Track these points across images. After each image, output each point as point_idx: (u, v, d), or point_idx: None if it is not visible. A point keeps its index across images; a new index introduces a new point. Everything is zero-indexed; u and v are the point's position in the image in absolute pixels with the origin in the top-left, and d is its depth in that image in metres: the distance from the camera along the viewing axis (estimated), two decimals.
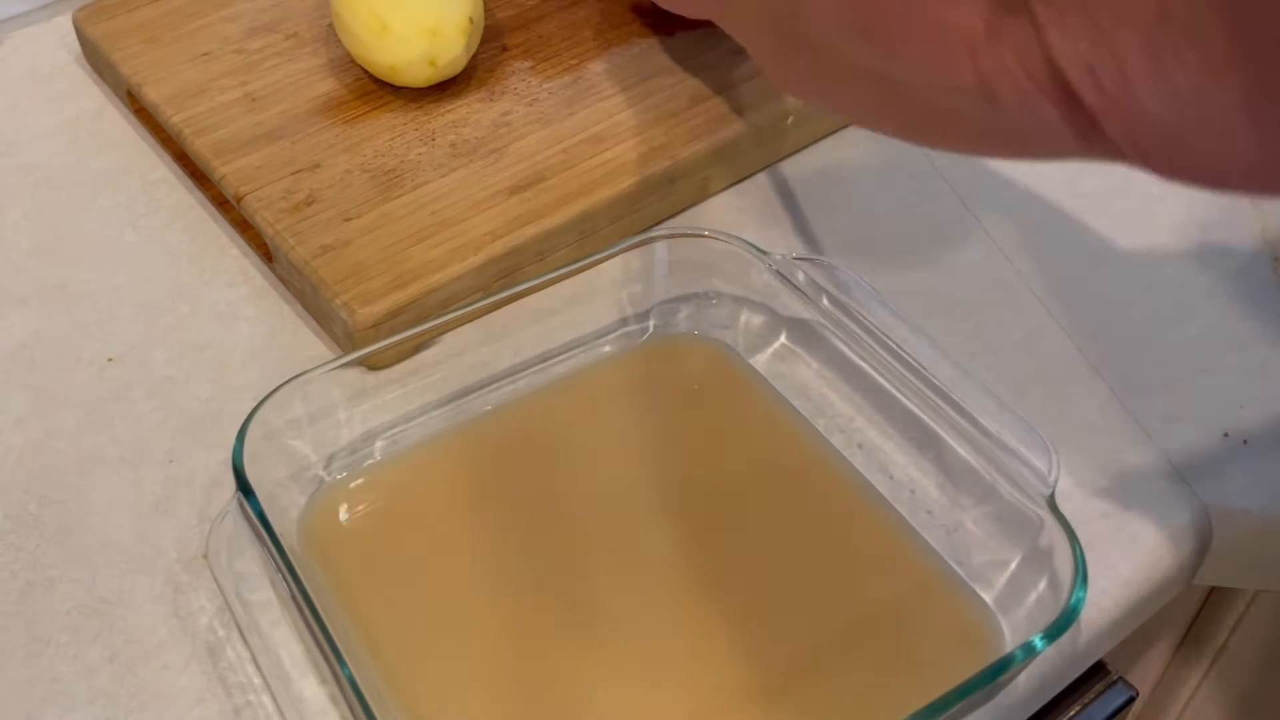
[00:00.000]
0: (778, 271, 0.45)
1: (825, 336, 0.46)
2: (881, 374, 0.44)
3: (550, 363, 0.46)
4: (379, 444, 0.43)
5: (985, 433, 0.40)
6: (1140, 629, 0.44)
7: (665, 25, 0.56)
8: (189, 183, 0.53)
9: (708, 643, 0.38)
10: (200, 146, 0.50)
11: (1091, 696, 0.46)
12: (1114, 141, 0.25)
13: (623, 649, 0.38)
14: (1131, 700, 0.47)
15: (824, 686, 0.37)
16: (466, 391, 0.45)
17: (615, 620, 0.39)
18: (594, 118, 0.52)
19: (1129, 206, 0.53)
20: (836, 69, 0.34)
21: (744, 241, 0.46)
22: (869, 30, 0.30)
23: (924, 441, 0.43)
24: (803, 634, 0.38)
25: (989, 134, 0.31)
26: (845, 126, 0.56)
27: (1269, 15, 0.21)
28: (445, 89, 0.53)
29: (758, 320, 0.47)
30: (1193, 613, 0.57)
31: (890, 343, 0.43)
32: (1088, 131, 0.25)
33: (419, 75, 0.51)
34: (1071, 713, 0.46)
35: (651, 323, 0.47)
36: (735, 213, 0.52)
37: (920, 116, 0.33)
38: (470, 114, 0.52)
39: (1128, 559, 0.41)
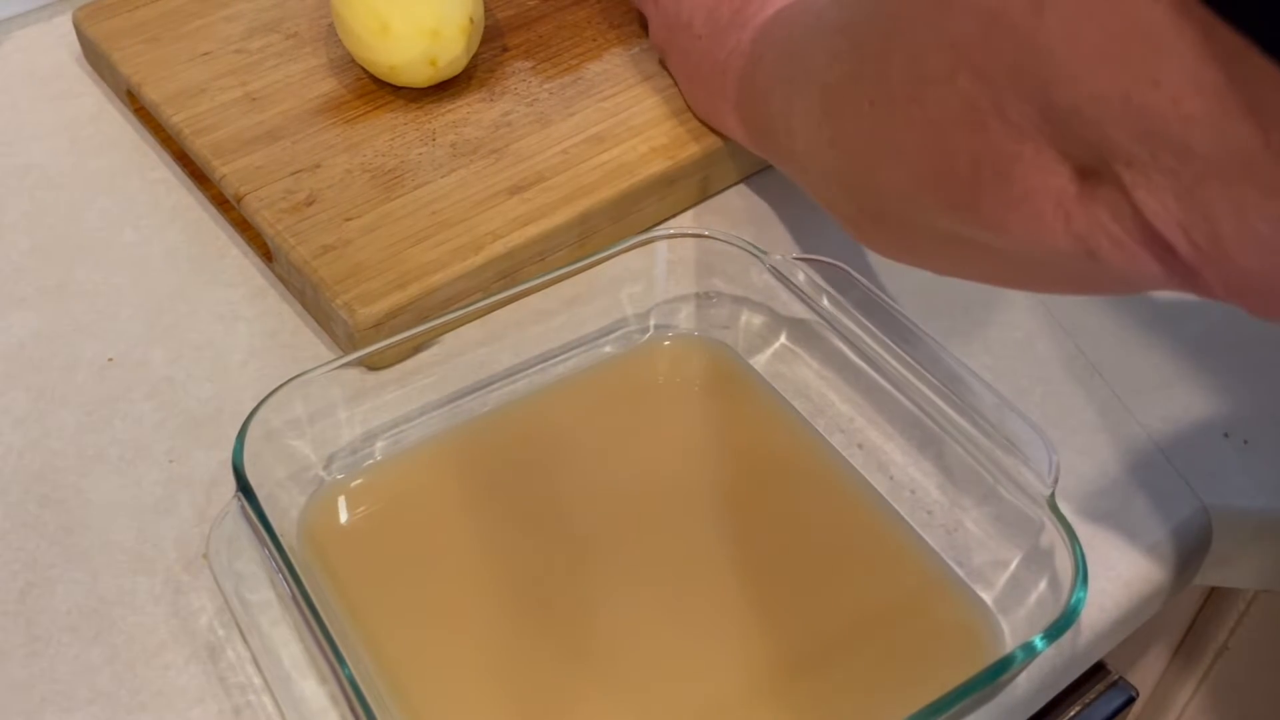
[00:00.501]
0: (778, 271, 0.45)
1: (825, 336, 0.46)
2: (881, 374, 0.44)
3: (550, 363, 0.46)
4: (379, 444, 0.43)
5: (985, 433, 0.40)
6: (1140, 629, 0.44)
7: None
8: (189, 183, 0.53)
9: (708, 642, 0.38)
10: (200, 146, 0.50)
11: (1092, 697, 0.46)
12: (1213, 287, 0.25)
13: (622, 648, 0.38)
14: (1131, 700, 0.47)
15: (824, 686, 0.37)
16: (466, 391, 0.45)
17: (614, 619, 0.39)
18: (594, 118, 0.52)
19: None
20: (923, 236, 0.34)
21: (744, 241, 0.46)
22: (956, 205, 0.30)
23: (924, 441, 0.43)
24: (803, 634, 0.38)
25: (1091, 280, 0.31)
26: None
27: None
28: (446, 89, 0.53)
29: (758, 320, 0.47)
30: (1193, 613, 0.57)
31: (890, 343, 0.43)
32: (1192, 280, 0.26)
33: (419, 75, 0.51)
34: (1071, 713, 0.46)
35: (651, 323, 0.47)
36: (735, 213, 0.52)
37: (1017, 271, 0.33)
38: (471, 114, 0.52)
39: (1128, 559, 0.41)
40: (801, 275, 0.45)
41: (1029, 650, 0.35)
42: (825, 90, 0.37)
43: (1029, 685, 0.39)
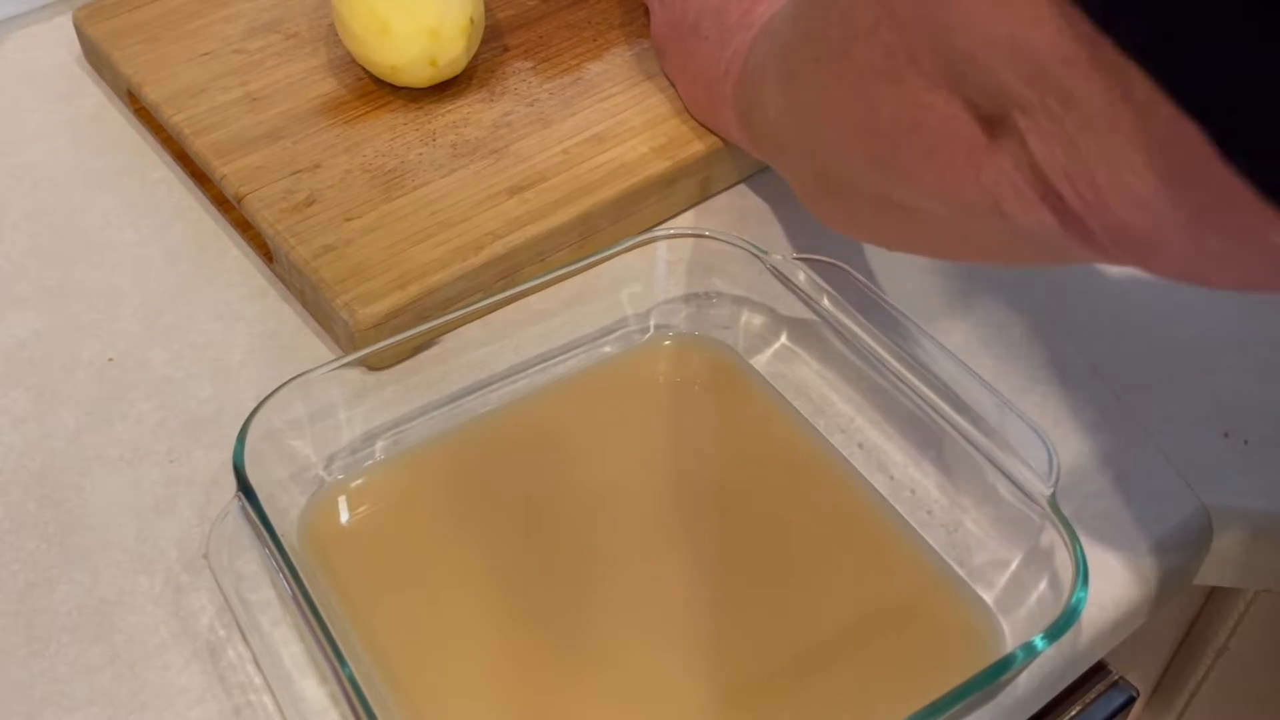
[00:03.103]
0: (778, 271, 0.45)
1: (825, 336, 0.46)
2: (881, 374, 0.44)
3: (551, 363, 0.46)
4: (379, 444, 0.43)
5: (985, 432, 0.40)
6: (1140, 629, 0.44)
7: None
8: (189, 183, 0.53)
9: (708, 642, 0.38)
10: (200, 146, 0.50)
11: (1092, 696, 0.46)
12: (1101, 241, 0.25)
13: (622, 648, 0.38)
14: (1132, 700, 0.47)
15: (824, 686, 0.37)
16: (467, 391, 0.45)
17: (614, 619, 0.39)
18: (594, 118, 0.52)
19: None
20: (865, 204, 0.36)
21: (744, 241, 0.46)
22: (882, 161, 0.31)
23: (924, 441, 0.43)
24: (803, 634, 0.38)
25: (1014, 247, 0.31)
26: None
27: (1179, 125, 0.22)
28: (446, 89, 0.53)
29: (758, 320, 0.47)
30: (1193, 613, 0.57)
31: (890, 343, 0.43)
32: (1086, 235, 0.26)
33: (419, 75, 0.51)
34: (1072, 713, 0.46)
35: (652, 323, 0.47)
36: (735, 213, 0.52)
37: (950, 239, 0.34)
38: (471, 114, 0.52)
39: (1128, 559, 0.41)
40: (801, 275, 0.45)
41: (1029, 650, 0.35)
42: (783, 53, 0.38)
43: (1029, 685, 0.39)
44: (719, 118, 0.50)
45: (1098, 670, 0.47)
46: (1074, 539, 0.37)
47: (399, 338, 0.42)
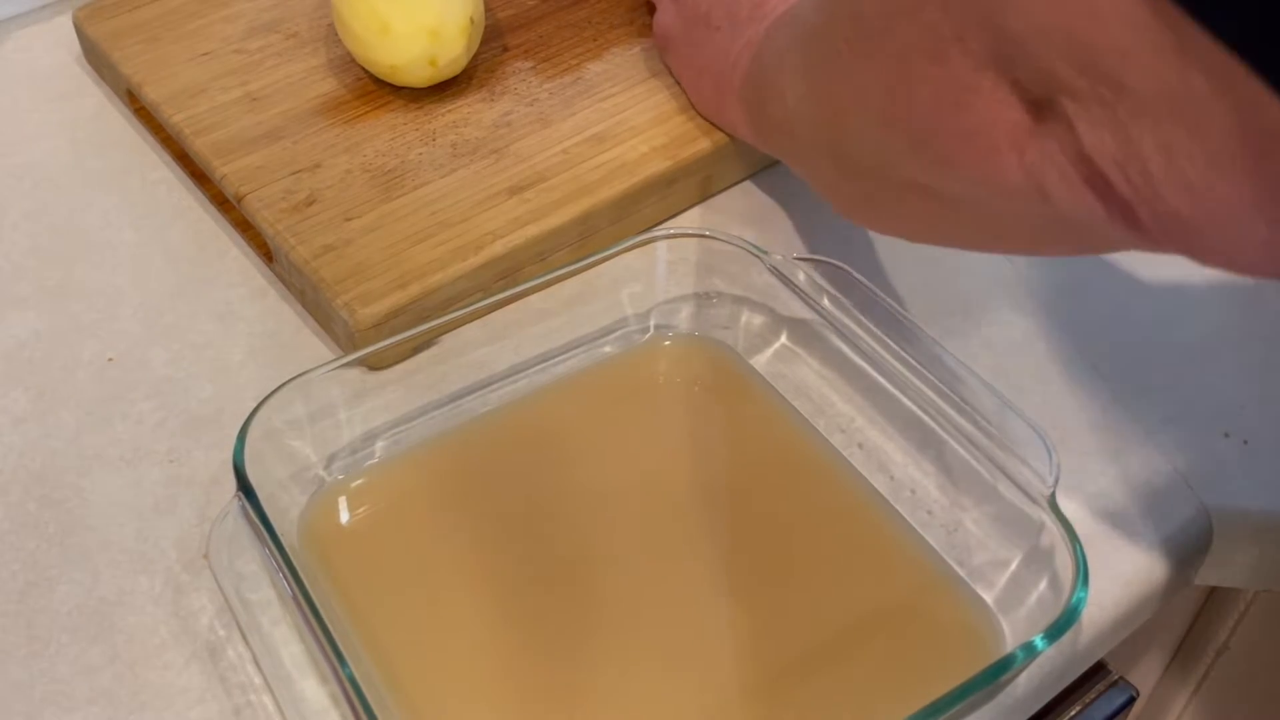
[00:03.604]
0: (778, 271, 0.45)
1: (825, 336, 0.46)
2: (881, 374, 0.44)
3: (551, 363, 0.46)
4: (379, 444, 0.43)
5: (986, 433, 0.40)
6: (1140, 629, 0.44)
7: None
8: (189, 183, 0.53)
9: (708, 642, 0.38)
10: (200, 146, 0.50)
11: (1092, 696, 0.46)
12: (1150, 229, 0.25)
13: (622, 649, 0.38)
14: (1132, 700, 0.47)
15: (824, 686, 0.37)
16: (467, 391, 0.45)
17: (614, 620, 0.39)
18: (594, 118, 0.52)
19: None
20: (890, 192, 0.35)
21: (744, 241, 0.46)
22: (919, 143, 0.31)
23: (924, 441, 0.43)
24: (803, 634, 0.38)
25: (1047, 234, 0.31)
26: None
27: (1268, 111, 0.22)
28: (446, 89, 0.53)
29: (758, 320, 0.47)
30: (1193, 613, 0.57)
31: (890, 343, 0.43)
32: (1133, 221, 0.26)
33: (419, 75, 0.51)
34: (1072, 713, 0.46)
35: (652, 323, 0.47)
36: (735, 213, 0.52)
37: (977, 226, 0.34)
38: (471, 114, 0.52)
39: (1128, 559, 0.41)
40: (802, 275, 0.45)
41: (1029, 650, 0.35)
42: (807, 40, 0.38)
43: (1029, 685, 0.39)
44: (725, 111, 0.50)
45: (1098, 670, 0.47)
46: (1074, 539, 0.37)
47: (399, 338, 0.42)
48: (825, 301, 0.44)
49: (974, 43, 0.27)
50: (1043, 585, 0.38)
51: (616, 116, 0.52)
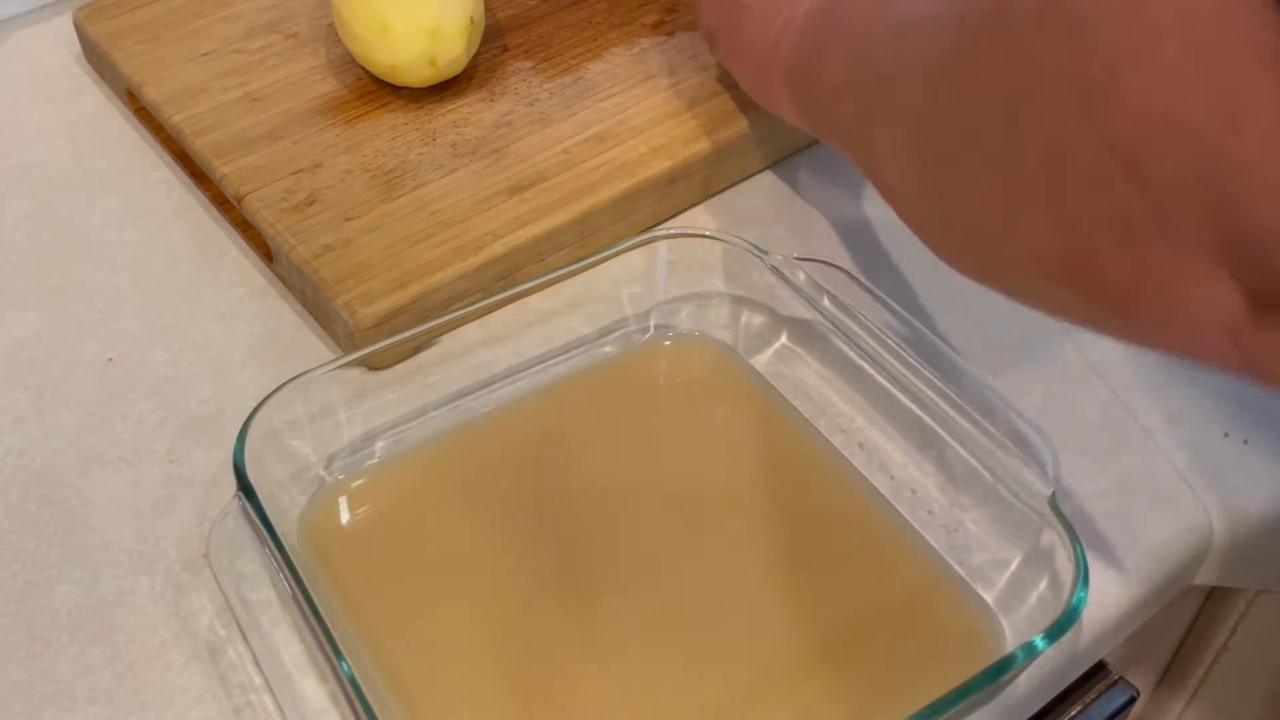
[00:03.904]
0: (778, 271, 0.45)
1: (825, 336, 0.46)
2: (882, 374, 0.44)
3: (551, 363, 0.46)
4: (379, 444, 0.43)
5: (986, 433, 0.40)
6: (1140, 629, 0.43)
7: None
8: (189, 183, 0.53)
9: (708, 642, 0.38)
10: (201, 146, 0.50)
11: (1092, 696, 0.46)
12: None
13: (622, 649, 0.38)
14: (1132, 700, 0.47)
15: (824, 686, 0.37)
16: (467, 391, 0.45)
17: (614, 620, 0.39)
18: (594, 118, 0.52)
19: None
20: (1020, 277, 0.31)
21: (744, 241, 0.46)
22: (1098, 306, 0.27)
23: (924, 441, 0.43)
24: (803, 634, 0.38)
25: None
26: None
27: None
28: (446, 89, 0.53)
29: (758, 320, 0.47)
30: (1193, 613, 0.57)
31: (890, 343, 0.43)
32: None
33: (420, 75, 0.51)
34: (1072, 713, 0.46)
35: (652, 323, 0.47)
36: (735, 213, 0.52)
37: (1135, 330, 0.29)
38: (471, 114, 0.52)
39: (1128, 559, 0.41)
40: (802, 275, 0.45)
41: (1030, 650, 0.35)
42: (925, 136, 0.32)
43: (1029, 685, 0.39)
44: (768, 91, 0.47)
45: (1098, 670, 0.47)
46: (1074, 539, 0.37)
47: (399, 338, 0.42)
48: (825, 301, 0.44)
49: (1185, 232, 0.23)
50: (1043, 585, 0.38)
51: (616, 116, 0.52)
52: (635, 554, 0.41)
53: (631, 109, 0.52)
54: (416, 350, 0.45)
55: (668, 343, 0.47)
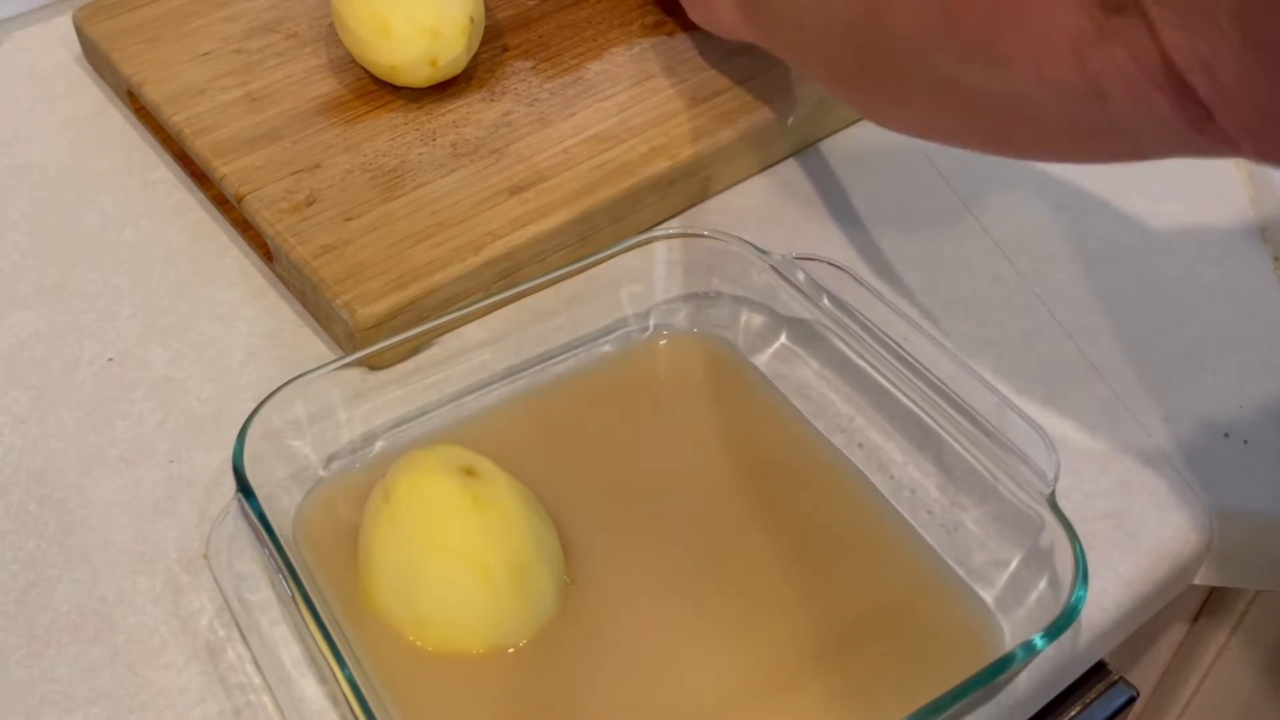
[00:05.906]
0: (778, 271, 0.45)
1: (825, 336, 0.46)
2: (882, 373, 0.44)
3: (551, 363, 0.46)
4: (379, 444, 0.43)
5: (986, 432, 0.40)
6: (1140, 629, 0.44)
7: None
8: (189, 183, 0.53)
9: (708, 642, 0.38)
10: (200, 146, 0.50)
11: (1092, 696, 0.46)
12: (1228, 132, 0.25)
13: (621, 648, 0.38)
14: (1132, 700, 0.47)
15: (824, 684, 0.37)
16: (466, 391, 0.45)
17: (614, 619, 0.39)
18: (594, 118, 0.52)
19: (1129, 206, 0.53)
20: (922, 87, 0.34)
21: (744, 241, 0.46)
22: (966, 45, 0.30)
23: (924, 441, 0.43)
24: (802, 633, 0.38)
25: (1087, 136, 0.30)
26: (845, 127, 0.56)
27: None
28: (446, 89, 0.53)
29: (758, 320, 0.47)
30: (1193, 613, 0.57)
31: (890, 342, 0.43)
32: (1202, 125, 0.25)
33: (419, 75, 0.51)
34: (1072, 713, 0.46)
35: (652, 322, 0.47)
36: (735, 213, 0.52)
37: (1008, 128, 0.33)
38: (471, 114, 0.52)
39: (1128, 559, 0.41)
40: (801, 275, 0.45)
41: (1029, 649, 0.35)
42: None
43: (1029, 685, 0.39)
44: (714, 7, 0.49)
45: (1098, 670, 0.47)
46: (1074, 538, 0.37)
47: (399, 338, 0.42)
48: (825, 301, 0.44)
49: None
50: (1042, 585, 0.38)
51: (616, 116, 0.52)
52: (634, 553, 0.40)
53: (631, 109, 0.52)
54: (416, 350, 0.45)
55: (667, 342, 0.47)
